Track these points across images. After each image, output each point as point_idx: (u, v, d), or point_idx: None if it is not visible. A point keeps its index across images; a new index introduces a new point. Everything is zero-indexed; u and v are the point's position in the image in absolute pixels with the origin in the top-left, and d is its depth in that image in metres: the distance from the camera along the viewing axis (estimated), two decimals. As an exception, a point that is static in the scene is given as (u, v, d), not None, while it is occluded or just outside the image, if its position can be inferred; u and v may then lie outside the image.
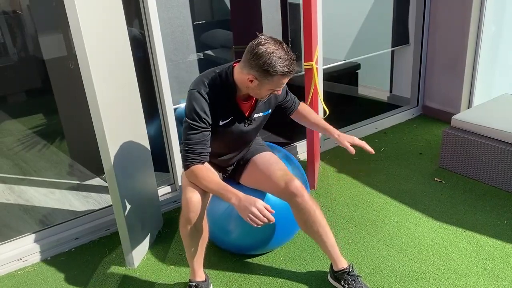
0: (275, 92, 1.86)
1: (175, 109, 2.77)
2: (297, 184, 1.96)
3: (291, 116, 2.31)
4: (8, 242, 2.50)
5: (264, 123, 2.12)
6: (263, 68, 1.73)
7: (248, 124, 2.00)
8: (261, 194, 2.13)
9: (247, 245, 2.34)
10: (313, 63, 2.70)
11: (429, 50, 3.87)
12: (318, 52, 3.04)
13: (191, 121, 1.86)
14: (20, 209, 3.02)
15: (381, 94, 4.53)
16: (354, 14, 3.76)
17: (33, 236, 2.56)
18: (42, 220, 2.86)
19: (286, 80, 1.82)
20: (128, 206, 2.31)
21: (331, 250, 2.08)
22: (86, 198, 3.08)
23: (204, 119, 1.86)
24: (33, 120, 4.60)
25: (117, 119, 2.20)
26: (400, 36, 3.90)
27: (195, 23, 2.83)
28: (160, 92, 2.68)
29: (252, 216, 1.75)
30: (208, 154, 1.92)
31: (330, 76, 4.47)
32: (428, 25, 3.79)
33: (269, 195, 2.16)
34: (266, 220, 1.75)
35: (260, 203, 1.77)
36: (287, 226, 2.29)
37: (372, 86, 4.71)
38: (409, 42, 3.93)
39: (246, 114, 1.98)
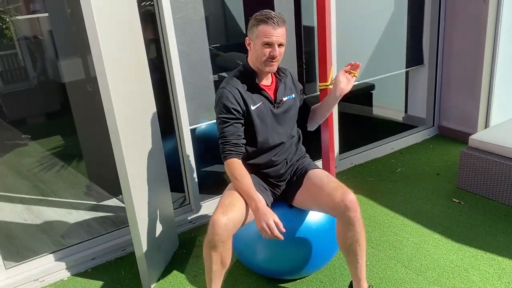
0: (270, 48, 1.96)
1: (194, 129, 2.81)
2: (353, 198, 1.93)
3: (308, 125, 2.35)
4: (25, 262, 2.52)
5: (294, 110, 2.19)
6: (250, 27, 2.00)
7: (277, 106, 2.10)
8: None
9: (278, 269, 2.29)
10: (328, 83, 2.72)
11: (444, 70, 3.86)
12: (333, 73, 3.05)
13: (221, 116, 2.01)
14: (37, 229, 3.05)
15: (396, 114, 4.52)
16: (368, 35, 3.79)
17: (50, 256, 2.58)
18: (59, 241, 2.88)
19: (269, 30, 1.93)
20: (145, 227, 2.32)
21: (360, 271, 2.05)
22: (103, 218, 3.10)
23: (233, 109, 1.99)
24: (52, 142, 4.69)
25: (135, 140, 2.23)
26: (414, 57, 3.91)
27: (212, 46, 2.87)
28: (177, 113, 2.72)
29: (263, 231, 1.89)
30: (243, 146, 2.04)
31: (344, 96, 4.48)
32: (442, 45, 3.80)
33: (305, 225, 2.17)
34: (274, 236, 1.88)
35: (274, 219, 1.89)
36: (322, 251, 2.26)
37: (387, 106, 4.70)
38: (424, 62, 3.93)
39: (273, 98, 2.11)
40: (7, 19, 5.68)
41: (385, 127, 4.43)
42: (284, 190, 2.24)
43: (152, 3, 2.54)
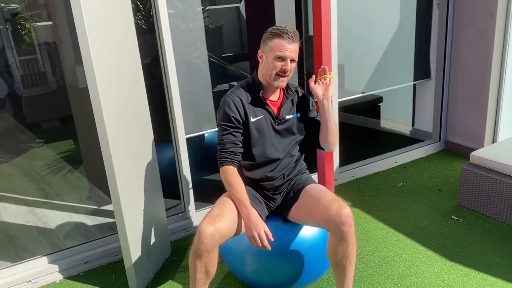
0: (282, 62, 1.97)
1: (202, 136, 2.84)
2: (348, 213, 1.90)
3: (321, 143, 2.25)
4: (20, 263, 2.58)
5: (298, 129, 2.17)
6: (263, 39, 2.03)
7: (279, 123, 2.11)
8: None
9: (268, 282, 2.26)
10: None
11: (451, 85, 3.80)
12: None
13: (222, 123, 2.05)
14: (37, 231, 3.12)
15: (404, 128, 4.46)
16: (375, 47, 3.77)
17: (44, 258, 2.63)
18: (56, 243, 2.93)
19: (284, 44, 1.95)
20: (134, 233, 2.35)
21: (347, 286, 2.02)
22: (101, 223, 3.15)
23: (233, 117, 2.02)
24: (63, 146, 4.80)
25: (127, 147, 2.26)
26: (421, 70, 3.86)
27: (211, 57, 2.91)
28: (173, 122, 2.75)
29: (252, 239, 1.93)
30: (240, 154, 2.06)
31: (352, 108, 4.46)
32: (450, 60, 3.74)
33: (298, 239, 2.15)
34: (263, 246, 1.91)
35: (264, 230, 1.92)
36: (314, 267, 2.23)
37: (394, 119, 4.65)
38: (431, 76, 3.88)
39: (276, 113, 2.11)
40: (27, 25, 5.88)
41: (390, 140, 4.38)
42: (280, 205, 2.22)
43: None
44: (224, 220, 1.91)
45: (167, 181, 2.93)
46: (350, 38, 3.70)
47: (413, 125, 4.26)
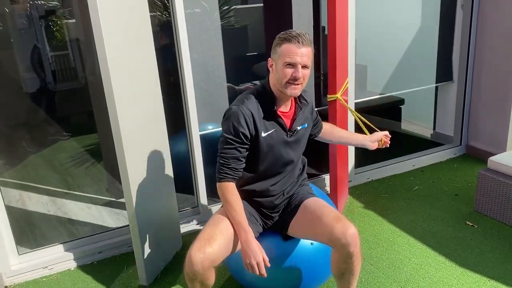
0: (292, 69, 1.81)
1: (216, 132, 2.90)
2: (354, 233, 1.79)
3: (319, 138, 2.29)
4: (37, 250, 2.69)
5: (304, 140, 2.07)
6: (273, 47, 1.86)
7: (291, 135, 1.97)
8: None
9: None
10: (338, 95, 2.70)
11: (473, 88, 3.72)
12: (348, 84, 3.03)
13: (227, 135, 1.87)
14: (57, 220, 3.24)
15: (425, 131, 4.39)
16: (397, 48, 3.73)
17: (60, 246, 2.73)
18: (73, 232, 3.04)
19: (293, 49, 1.79)
20: (145, 226, 2.42)
21: None
22: (118, 214, 3.25)
23: (242, 133, 1.85)
24: (88, 140, 4.95)
25: (140, 141, 2.33)
26: (443, 73, 3.79)
27: (228, 56, 2.95)
28: (188, 118, 2.80)
29: (250, 266, 1.83)
30: (241, 170, 1.93)
31: (373, 110, 4.42)
32: (472, 63, 3.66)
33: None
34: (260, 274, 1.83)
35: (261, 258, 1.82)
36: (316, 274, 2.18)
37: (415, 122, 4.58)
38: (453, 79, 3.80)
39: (288, 126, 1.97)
40: (59, 22, 6.08)
41: (411, 143, 4.31)
42: (277, 221, 2.11)
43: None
44: (216, 244, 1.80)
45: (181, 176, 3.00)
46: (373, 39, 3.68)
47: (434, 129, 4.19)
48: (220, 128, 1.92)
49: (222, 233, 1.86)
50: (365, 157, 3.56)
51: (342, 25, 2.70)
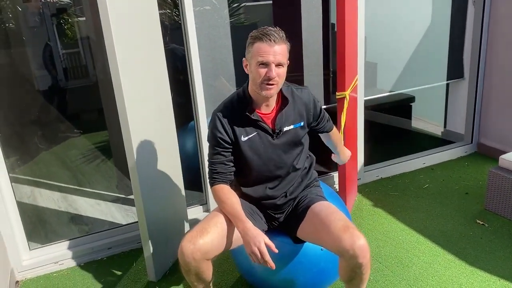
0: (266, 68, 1.74)
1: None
2: (363, 245, 1.71)
3: (320, 134, 2.21)
4: (48, 245, 2.73)
5: (302, 139, 1.97)
6: (246, 45, 1.80)
7: (277, 137, 1.90)
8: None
9: (276, 285, 2.18)
10: (347, 93, 2.69)
11: (485, 86, 3.68)
12: (358, 82, 3.02)
13: (209, 142, 1.90)
14: (68, 217, 3.27)
15: (435, 129, 4.35)
16: (407, 44, 3.70)
17: (71, 242, 2.76)
18: (83, 228, 3.07)
19: (265, 47, 1.72)
20: (153, 222, 2.43)
21: None
22: (127, 211, 3.27)
23: (220, 138, 1.85)
24: (98, 137, 5.00)
25: (148, 137, 2.34)
26: (454, 69, 3.76)
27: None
28: (196, 115, 2.81)
29: (253, 255, 1.77)
30: (232, 173, 1.91)
31: (383, 107, 4.39)
32: (484, 60, 3.62)
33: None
34: (265, 261, 1.74)
35: (264, 244, 1.75)
36: (325, 274, 2.16)
37: (426, 120, 4.54)
38: (464, 76, 3.76)
39: (271, 126, 1.89)
40: (70, 20, 6.14)
41: (421, 141, 4.28)
42: (283, 223, 2.06)
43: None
44: (208, 237, 1.78)
45: (191, 173, 3.01)
46: (383, 37, 3.65)
47: (445, 126, 4.15)
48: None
49: (216, 226, 1.84)
50: (374, 154, 3.55)
51: (351, 22, 2.69)
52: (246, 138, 1.87)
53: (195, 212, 3.03)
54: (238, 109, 1.87)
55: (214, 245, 1.80)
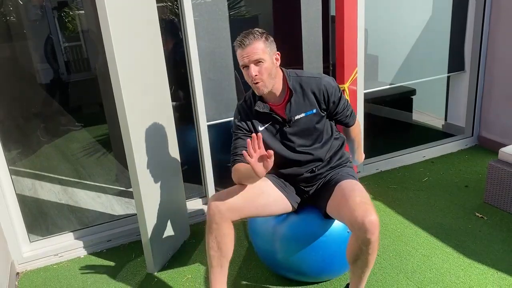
0: (247, 71, 1.90)
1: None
2: (374, 220, 1.76)
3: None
4: (48, 237, 2.75)
5: (317, 124, 2.05)
6: None
7: (290, 126, 2.04)
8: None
9: (298, 270, 2.22)
10: (346, 85, 2.68)
11: (486, 78, 3.66)
12: (357, 74, 3.00)
13: (232, 130, 2.11)
14: (68, 209, 3.29)
15: (436, 122, 4.34)
16: (407, 36, 3.67)
17: (71, 234, 2.78)
18: (83, 221, 3.09)
19: (240, 52, 1.89)
20: (152, 215, 2.44)
21: (359, 282, 1.96)
22: (127, 204, 3.29)
23: (238, 126, 2.07)
24: (99, 130, 5.01)
25: (147, 131, 2.34)
26: (455, 62, 3.74)
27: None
28: (195, 109, 2.81)
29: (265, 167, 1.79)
30: None
31: (384, 100, 4.38)
32: (485, 52, 3.60)
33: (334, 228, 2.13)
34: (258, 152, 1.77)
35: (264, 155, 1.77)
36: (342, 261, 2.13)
37: (427, 113, 4.53)
38: (465, 69, 3.74)
39: (284, 116, 2.04)
40: (71, 13, 6.13)
41: (422, 134, 4.27)
42: (314, 196, 2.16)
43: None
44: (235, 196, 1.94)
45: (190, 165, 3.02)
46: (384, 29, 3.63)
47: (445, 119, 4.14)
48: (228, 118, 2.03)
49: (242, 190, 1.98)
50: (374, 147, 3.54)
51: (351, 14, 2.68)
52: (262, 127, 2.07)
53: (194, 204, 3.04)
54: (255, 100, 2.06)
55: (239, 204, 1.95)
